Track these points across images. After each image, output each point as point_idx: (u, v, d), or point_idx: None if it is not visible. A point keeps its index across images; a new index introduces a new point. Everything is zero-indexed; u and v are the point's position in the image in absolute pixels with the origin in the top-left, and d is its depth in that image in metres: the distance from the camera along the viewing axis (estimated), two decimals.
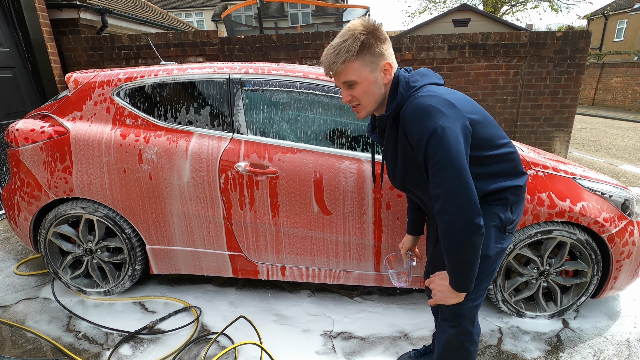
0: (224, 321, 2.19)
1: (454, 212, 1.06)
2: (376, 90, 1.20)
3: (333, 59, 1.14)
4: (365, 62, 1.15)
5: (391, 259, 1.66)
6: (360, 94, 1.19)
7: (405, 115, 1.13)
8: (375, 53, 1.15)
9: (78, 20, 5.17)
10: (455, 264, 1.13)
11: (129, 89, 2.15)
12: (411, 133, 1.12)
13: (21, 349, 1.98)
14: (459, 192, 1.06)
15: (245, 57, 4.71)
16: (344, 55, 1.12)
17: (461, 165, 1.06)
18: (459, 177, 1.06)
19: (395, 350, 1.97)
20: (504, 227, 1.26)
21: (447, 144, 1.06)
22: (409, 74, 1.23)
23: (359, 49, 1.12)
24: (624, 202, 2.00)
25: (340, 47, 1.12)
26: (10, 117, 4.09)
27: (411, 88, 1.18)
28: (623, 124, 10.94)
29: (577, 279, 2.09)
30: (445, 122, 1.07)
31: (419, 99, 1.12)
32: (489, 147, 1.20)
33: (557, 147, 4.88)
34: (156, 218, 2.18)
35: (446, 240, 1.11)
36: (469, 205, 1.06)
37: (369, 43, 1.13)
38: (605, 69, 15.83)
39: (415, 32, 11.79)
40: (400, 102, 1.18)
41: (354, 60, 1.13)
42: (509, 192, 1.25)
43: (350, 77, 1.16)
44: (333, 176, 2.00)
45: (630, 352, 1.93)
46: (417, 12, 26.80)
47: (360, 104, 1.22)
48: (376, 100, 1.21)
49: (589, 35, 4.45)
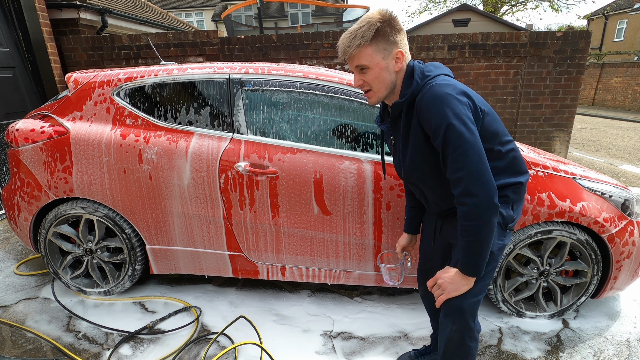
0: (224, 321, 2.19)
1: (478, 193, 1.11)
2: (387, 77, 1.23)
3: (348, 42, 1.19)
4: (379, 49, 1.19)
5: (386, 256, 1.68)
6: (372, 79, 1.23)
7: (423, 102, 1.17)
8: (389, 41, 1.19)
9: (78, 20, 5.17)
10: (473, 246, 1.15)
11: (129, 89, 2.15)
12: (428, 120, 1.15)
13: (21, 349, 1.98)
14: (482, 174, 1.11)
15: (245, 57, 4.71)
16: (359, 39, 1.17)
17: (480, 149, 1.12)
18: (480, 160, 1.11)
19: (395, 350, 1.97)
20: (505, 224, 1.28)
21: (466, 129, 1.11)
22: (424, 65, 1.28)
23: (373, 35, 1.17)
24: (624, 202, 2.00)
25: (357, 33, 1.18)
26: (10, 117, 4.09)
27: (426, 77, 1.22)
28: (623, 124, 10.94)
29: (577, 279, 2.09)
30: (463, 109, 1.12)
31: (436, 87, 1.15)
32: (495, 142, 1.23)
33: (557, 147, 4.88)
34: (156, 218, 2.18)
35: (468, 222, 1.14)
36: (490, 186, 1.11)
37: (384, 31, 1.18)
38: (605, 69, 15.83)
39: (415, 32, 11.79)
40: (415, 90, 1.21)
41: (367, 45, 1.18)
42: (510, 190, 1.27)
43: (362, 61, 1.21)
44: (333, 176, 2.00)
45: (630, 352, 1.93)
46: (417, 12, 26.80)
47: (372, 89, 1.26)
48: (386, 86, 1.25)
49: (589, 35, 4.45)
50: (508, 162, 1.27)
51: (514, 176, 1.28)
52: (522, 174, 1.31)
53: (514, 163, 1.28)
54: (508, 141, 1.28)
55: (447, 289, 1.25)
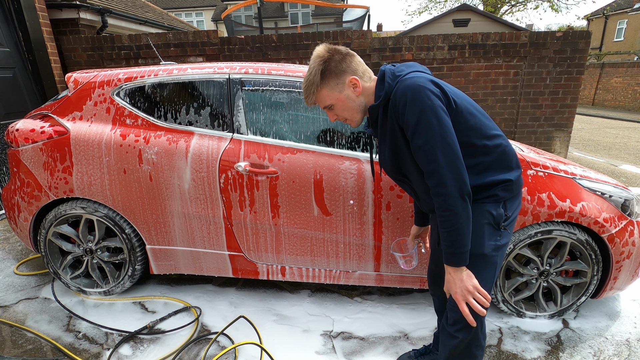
0: (224, 321, 2.19)
1: (451, 183, 1.12)
2: (353, 105, 1.31)
3: (305, 93, 1.31)
4: (331, 86, 1.27)
5: (401, 242, 1.69)
6: (340, 112, 1.32)
7: (395, 98, 1.19)
8: (338, 73, 1.26)
9: (78, 20, 5.17)
10: (453, 236, 1.16)
11: (129, 89, 2.15)
12: (402, 113, 1.17)
13: (21, 349, 1.99)
14: (454, 164, 1.12)
15: (245, 57, 4.71)
16: (312, 87, 1.27)
17: (452, 140, 1.13)
18: (452, 151, 1.13)
19: (395, 350, 1.97)
20: (497, 223, 1.26)
21: (437, 120, 1.12)
22: (395, 67, 1.30)
23: (320, 78, 1.26)
24: (624, 202, 2.00)
25: (307, 82, 1.27)
26: (10, 117, 4.09)
27: (397, 77, 1.24)
28: (623, 124, 10.94)
29: (577, 279, 2.09)
30: (434, 101, 1.13)
31: (406, 81, 1.18)
32: (478, 135, 1.22)
33: (557, 147, 4.88)
34: (156, 218, 2.18)
35: (445, 212, 1.14)
36: (463, 176, 1.13)
37: (329, 68, 1.25)
38: (605, 69, 15.83)
39: (415, 32, 11.79)
40: (388, 90, 1.24)
41: (320, 89, 1.28)
42: (500, 189, 1.25)
43: (325, 102, 1.31)
44: (333, 176, 2.00)
45: (630, 352, 1.93)
46: (417, 12, 26.80)
47: (347, 118, 1.35)
48: (358, 110, 1.32)
49: (589, 35, 4.45)
50: (496, 157, 1.25)
51: (503, 172, 1.26)
52: (511, 169, 1.28)
53: (503, 158, 1.26)
54: (495, 135, 1.26)
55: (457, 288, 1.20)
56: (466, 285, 1.19)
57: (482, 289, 1.20)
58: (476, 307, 1.18)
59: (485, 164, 1.24)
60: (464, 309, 1.20)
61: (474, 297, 1.19)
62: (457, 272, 1.20)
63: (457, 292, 1.20)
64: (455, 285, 1.21)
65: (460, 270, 1.20)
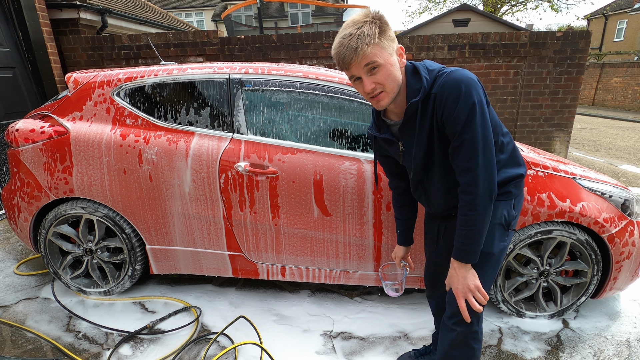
0: (224, 321, 2.19)
1: (483, 184, 1.12)
2: (397, 74, 1.16)
3: (355, 43, 1.08)
4: (385, 45, 1.12)
5: (385, 267, 1.71)
6: (384, 78, 1.14)
7: (443, 91, 1.12)
8: (390, 37, 1.13)
9: (78, 20, 5.17)
10: (472, 234, 1.16)
11: (129, 89, 2.15)
12: (451, 107, 1.11)
13: (21, 349, 1.98)
14: (490, 165, 1.12)
15: (245, 57, 4.71)
16: (366, 38, 1.08)
17: (492, 139, 1.13)
18: (490, 151, 1.12)
19: (395, 350, 1.97)
20: (507, 224, 1.28)
21: (482, 118, 1.11)
22: (419, 63, 1.25)
23: (378, 31, 1.10)
24: (624, 202, 2.00)
25: (359, 33, 1.08)
26: (10, 117, 4.09)
27: (432, 71, 1.19)
28: (623, 124, 10.94)
29: (577, 279, 2.09)
30: (483, 96, 1.13)
31: (454, 73, 1.12)
32: (496, 133, 1.23)
33: (557, 147, 4.88)
34: (156, 218, 2.18)
35: (471, 211, 1.14)
36: (495, 177, 1.13)
37: (383, 27, 1.11)
38: (605, 69, 15.82)
39: (415, 32, 11.78)
40: (427, 85, 1.17)
41: (376, 42, 1.09)
42: (513, 185, 1.27)
43: (375, 58, 1.10)
44: (333, 177, 2.00)
45: (630, 352, 1.93)
46: (417, 12, 26.77)
47: (384, 90, 1.16)
48: (398, 84, 1.18)
49: (589, 35, 4.45)
50: (510, 155, 1.28)
51: (516, 167, 1.29)
52: (522, 165, 1.32)
53: (514, 155, 1.30)
54: (506, 133, 1.29)
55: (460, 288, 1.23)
56: (468, 284, 1.21)
57: (482, 289, 1.22)
58: (474, 305, 1.21)
59: (502, 161, 1.25)
60: (462, 305, 1.23)
61: (474, 295, 1.21)
62: (462, 268, 1.21)
63: (459, 288, 1.23)
64: (457, 281, 1.23)
65: (466, 268, 1.21)
